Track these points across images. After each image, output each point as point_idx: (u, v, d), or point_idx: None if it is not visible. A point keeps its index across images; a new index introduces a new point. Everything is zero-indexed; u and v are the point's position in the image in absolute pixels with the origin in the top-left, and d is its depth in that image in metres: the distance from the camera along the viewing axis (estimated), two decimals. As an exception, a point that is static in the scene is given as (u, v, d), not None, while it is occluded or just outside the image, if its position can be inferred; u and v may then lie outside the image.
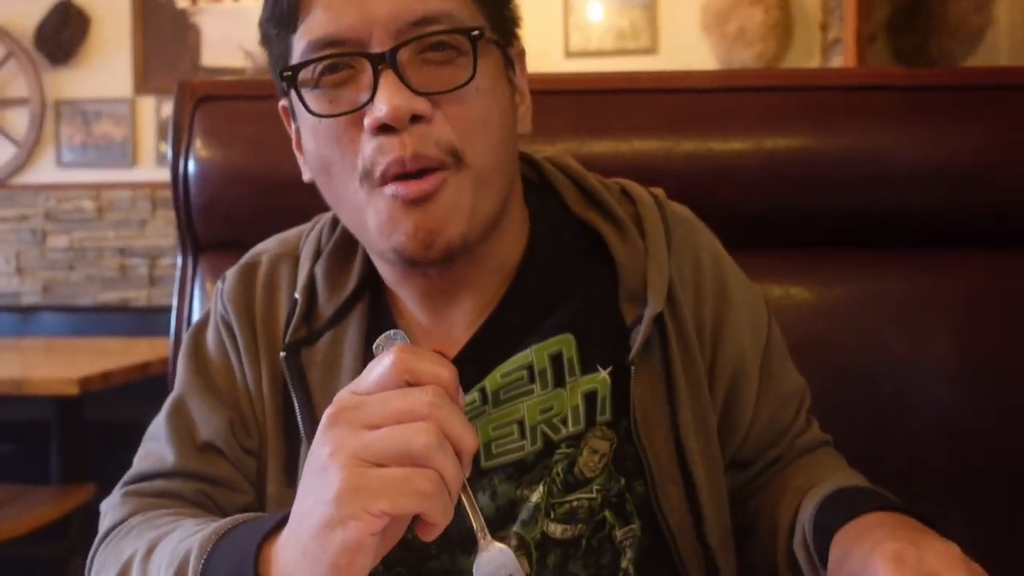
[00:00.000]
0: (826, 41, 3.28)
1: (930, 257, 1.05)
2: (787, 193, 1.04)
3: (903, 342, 1.02)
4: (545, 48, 3.56)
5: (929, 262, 1.05)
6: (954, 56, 3.04)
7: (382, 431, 0.53)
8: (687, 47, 3.46)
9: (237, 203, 1.08)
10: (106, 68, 3.78)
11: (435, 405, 0.53)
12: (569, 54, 3.57)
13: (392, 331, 0.60)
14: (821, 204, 1.04)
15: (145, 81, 3.76)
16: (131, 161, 3.78)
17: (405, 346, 0.57)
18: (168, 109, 3.75)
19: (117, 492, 0.80)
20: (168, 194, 1.12)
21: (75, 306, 3.76)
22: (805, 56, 3.40)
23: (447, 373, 0.55)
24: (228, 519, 0.65)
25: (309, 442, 0.75)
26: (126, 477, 0.81)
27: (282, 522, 0.58)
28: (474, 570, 0.57)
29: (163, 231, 3.73)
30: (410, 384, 0.55)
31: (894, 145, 1.03)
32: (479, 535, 0.57)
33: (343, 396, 0.56)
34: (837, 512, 0.66)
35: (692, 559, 0.75)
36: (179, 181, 1.09)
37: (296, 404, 0.76)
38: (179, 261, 1.14)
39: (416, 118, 0.66)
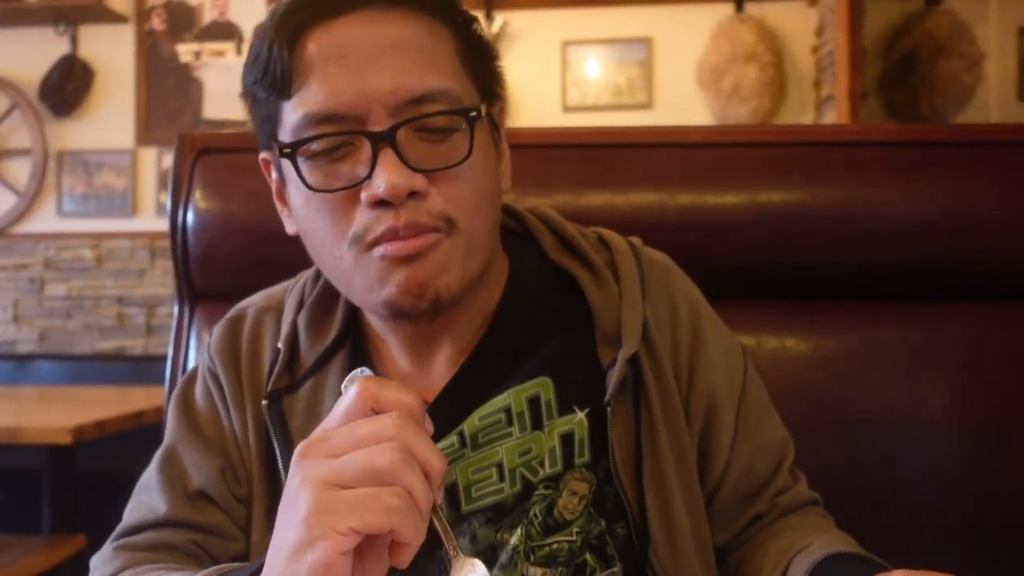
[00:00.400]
0: (819, 98, 3.33)
1: (926, 309, 1.06)
2: (781, 246, 1.05)
3: (899, 394, 1.02)
4: (543, 102, 3.61)
5: (925, 314, 1.06)
6: (945, 113, 3.08)
7: (349, 455, 0.54)
8: (682, 103, 3.51)
9: (234, 253, 1.09)
10: (109, 120, 3.82)
11: (400, 427, 0.54)
12: (567, 109, 3.62)
13: (358, 369, 0.61)
14: (815, 257, 1.05)
15: (147, 133, 3.80)
16: (131, 211, 3.80)
17: (369, 377, 0.58)
18: (169, 160, 3.76)
19: (108, 547, 0.79)
20: (167, 244, 1.13)
21: (71, 354, 3.74)
22: (799, 112, 3.45)
23: (410, 399, 0.56)
24: (212, 568, 0.66)
25: None
26: (117, 531, 0.80)
27: (263, 566, 0.58)
28: None
29: (161, 280, 3.73)
30: (376, 412, 0.56)
31: (887, 200, 1.04)
32: (451, 553, 0.57)
33: (314, 433, 0.57)
34: None
35: None
36: (178, 231, 1.10)
37: (278, 451, 0.77)
38: (176, 310, 1.14)
39: (412, 193, 0.67)
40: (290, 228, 0.78)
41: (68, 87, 3.76)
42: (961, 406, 1.01)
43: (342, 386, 0.60)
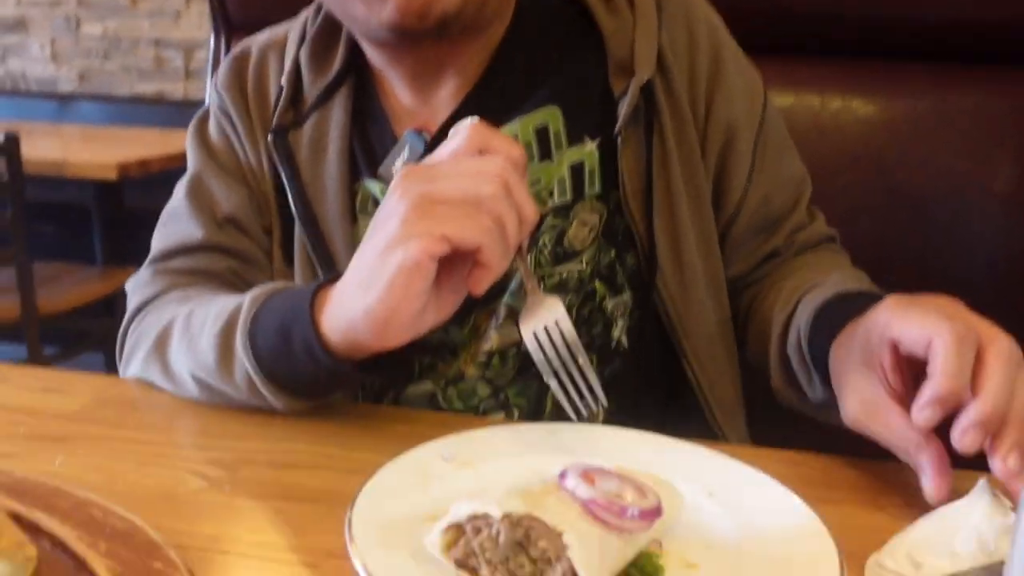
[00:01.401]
0: None
1: (999, 74, 1.00)
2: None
3: (964, 161, 0.98)
4: None
5: (998, 79, 1.00)
6: None
7: (453, 179, 0.55)
8: None
9: (271, -20, 1.03)
10: None
11: (505, 168, 0.55)
12: None
13: (469, 117, 0.61)
14: (888, 10, 0.98)
15: None
16: (164, -55, 3.63)
17: (480, 123, 0.59)
18: None
19: (145, 270, 0.82)
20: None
21: (112, 96, 3.73)
22: None
23: (518, 151, 0.57)
24: (280, 282, 0.68)
25: (300, 220, 0.78)
26: (151, 256, 0.83)
27: (339, 275, 0.61)
28: (520, 316, 0.61)
29: (197, 23, 3.63)
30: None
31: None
32: (529, 288, 0.61)
33: (419, 164, 0.59)
34: (835, 317, 0.65)
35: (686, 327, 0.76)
36: (211, -45, 1.04)
37: (287, 184, 0.78)
38: (211, 42, 1.11)
39: None
40: None
41: None
42: (1028, 177, 0.97)
43: (451, 130, 0.60)
